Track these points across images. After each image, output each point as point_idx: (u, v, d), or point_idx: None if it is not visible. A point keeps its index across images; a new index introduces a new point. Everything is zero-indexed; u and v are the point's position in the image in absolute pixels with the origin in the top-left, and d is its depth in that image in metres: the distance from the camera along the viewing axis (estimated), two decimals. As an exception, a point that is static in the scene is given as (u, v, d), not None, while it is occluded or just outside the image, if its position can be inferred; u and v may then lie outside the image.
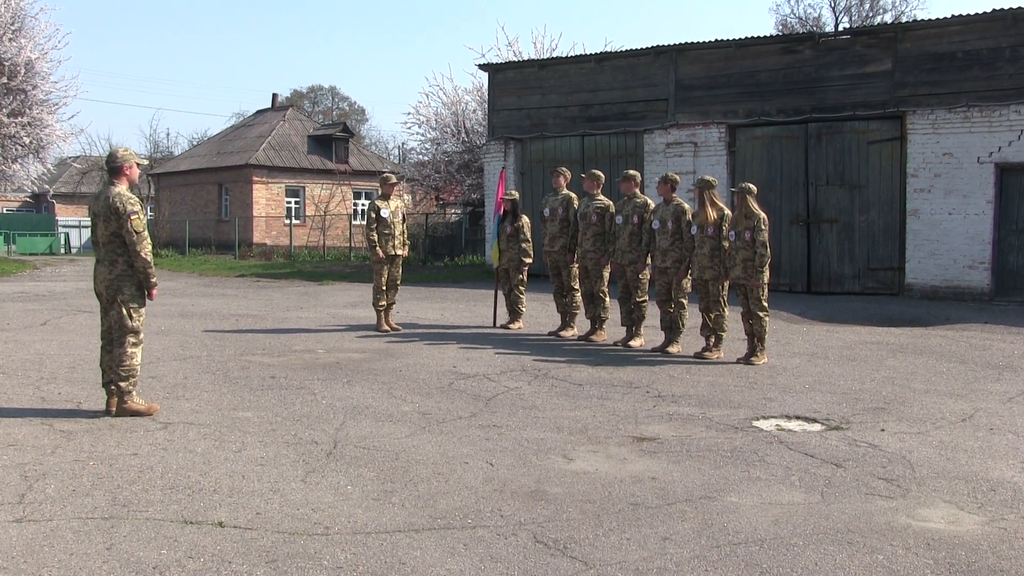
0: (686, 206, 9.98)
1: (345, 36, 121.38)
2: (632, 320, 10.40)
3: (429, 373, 8.46)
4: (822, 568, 3.93)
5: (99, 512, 4.50)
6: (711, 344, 9.60)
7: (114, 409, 6.50)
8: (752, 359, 9.25)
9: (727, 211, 9.56)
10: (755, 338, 9.32)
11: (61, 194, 50.50)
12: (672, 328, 10.06)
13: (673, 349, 10.01)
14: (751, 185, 9.46)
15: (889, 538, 4.27)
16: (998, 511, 4.68)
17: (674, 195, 10.00)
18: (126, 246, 6.44)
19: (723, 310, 9.54)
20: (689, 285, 10.00)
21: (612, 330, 11.11)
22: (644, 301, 10.32)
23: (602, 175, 11.00)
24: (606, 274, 10.82)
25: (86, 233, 40.61)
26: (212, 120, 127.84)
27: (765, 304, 9.31)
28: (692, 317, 10.32)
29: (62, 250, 40.48)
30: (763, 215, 9.26)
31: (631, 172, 10.60)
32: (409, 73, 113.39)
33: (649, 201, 10.41)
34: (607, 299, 10.86)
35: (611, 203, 10.71)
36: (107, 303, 6.55)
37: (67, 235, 41.55)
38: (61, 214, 47.48)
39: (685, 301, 10.05)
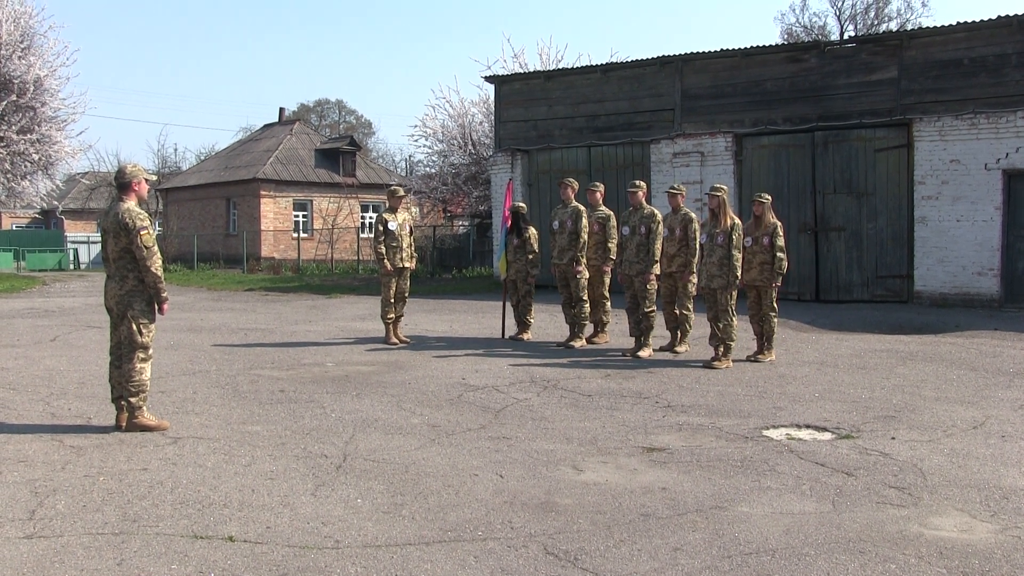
0: (693, 215, 10.34)
1: (351, 50, 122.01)
2: (641, 330, 10.39)
3: (438, 385, 8.46)
4: (834, 578, 3.90)
5: (109, 527, 4.51)
6: (719, 354, 9.60)
7: (124, 424, 6.51)
8: (759, 357, 9.86)
9: (738, 221, 9.69)
10: (763, 337, 9.93)
11: (70, 210, 50.72)
12: (678, 328, 10.59)
13: (680, 348, 10.59)
14: (767, 195, 10.23)
15: (901, 547, 4.25)
16: (1011, 519, 4.65)
17: (682, 205, 10.40)
18: (136, 262, 6.47)
19: (731, 319, 9.57)
20: (694, 290, 10.36)
21: (622, 340, 11.10)
22: (652, 311, 10.32)
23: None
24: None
25: (95, 249, 40.77)
26: (219, 135, 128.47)
27: (775, 306, 9.99)
28: (701, 326, 10.31)
29: (71, 266, 40.64)
30: (779, 223, 9.99)
31: (638, 183, 10.65)
32: (415, 86, 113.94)
33: (656, 212, 10.45)
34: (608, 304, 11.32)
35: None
36: (117, 318, 6.57)
37: (76, 251, 41.69)
38: (70, 230, 47.69)
39: (691, 306, 10.48)
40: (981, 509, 4.81)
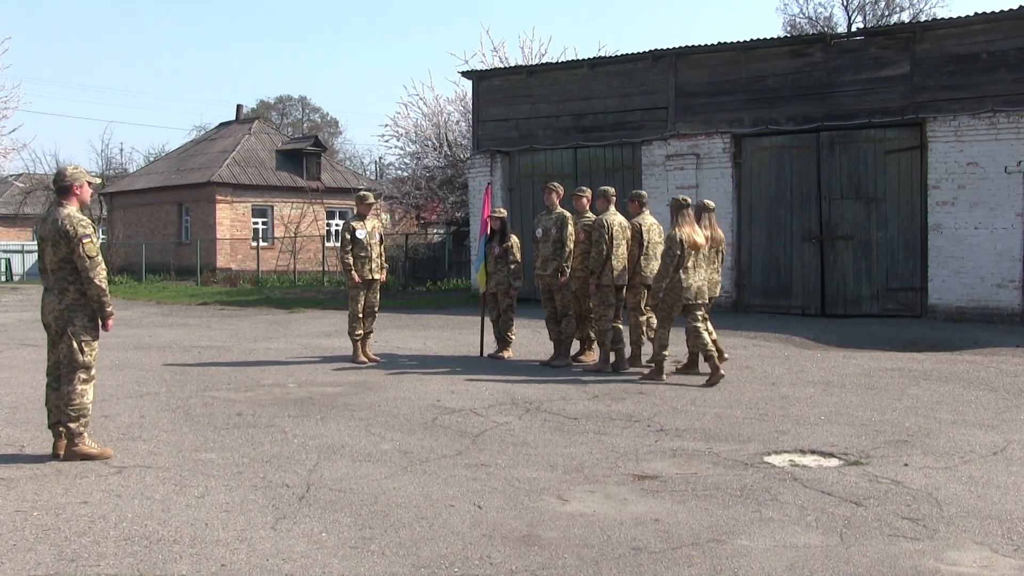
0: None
1: (316, 42, 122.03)
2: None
3: (411, 408, 8.45)
4: (843, 617, 3.92)
5: (43, 568, 4.46)
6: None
7: (62, 452, 6.45)
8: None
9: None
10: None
11: (1, 216, 50.37)
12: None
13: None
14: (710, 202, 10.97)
15: (915, 583, 4.27)
16: (1034, 552, 4.69)
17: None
18: (77, 273, 6.43)
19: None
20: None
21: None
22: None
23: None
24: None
25: (30, 259, 40.41)
26: (171, 134, 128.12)
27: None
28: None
29: (3, 278, 40.28)
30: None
31: (602, 188, 11.07)
32: (386, 82, 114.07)
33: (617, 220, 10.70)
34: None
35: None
36: (56, 335, 6.52)
37: (8, 261, 41.28)
38: (2, 238, 47.32)
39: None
40: (1003, 543, 4.84)
